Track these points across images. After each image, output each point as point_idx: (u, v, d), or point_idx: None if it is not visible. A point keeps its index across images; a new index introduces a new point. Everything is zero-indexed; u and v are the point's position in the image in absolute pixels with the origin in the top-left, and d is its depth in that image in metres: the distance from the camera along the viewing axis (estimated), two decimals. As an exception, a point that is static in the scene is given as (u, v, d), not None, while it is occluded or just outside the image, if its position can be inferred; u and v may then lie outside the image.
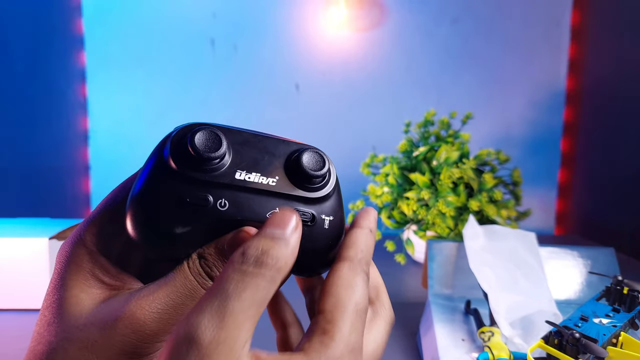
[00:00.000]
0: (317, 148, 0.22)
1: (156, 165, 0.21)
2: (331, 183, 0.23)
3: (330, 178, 0.23)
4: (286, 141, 0.23)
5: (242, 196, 0.21)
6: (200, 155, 0.20)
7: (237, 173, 0.21)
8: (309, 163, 0.21)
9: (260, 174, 0.21)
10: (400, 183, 0.81)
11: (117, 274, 0.21)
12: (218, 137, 0.20)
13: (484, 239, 0.60)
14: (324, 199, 0.22)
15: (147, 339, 0.19)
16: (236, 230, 0.21)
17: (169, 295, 0.20)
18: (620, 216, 1.06)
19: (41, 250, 0.63)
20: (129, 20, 1.23)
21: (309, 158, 0.22)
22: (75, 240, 0.22)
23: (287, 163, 0.22)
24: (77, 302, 0.20)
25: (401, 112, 1.26)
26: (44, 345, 0.20)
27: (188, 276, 0.20)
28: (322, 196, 0.22)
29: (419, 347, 0.54)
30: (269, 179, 0.21)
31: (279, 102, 1.27)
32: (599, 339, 0.38)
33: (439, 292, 0.59)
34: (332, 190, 0.22)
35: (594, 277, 0.59)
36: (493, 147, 0.86)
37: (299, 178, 0.22)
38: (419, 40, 1.25)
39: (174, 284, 0.20)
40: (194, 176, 0.20)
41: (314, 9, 1.24)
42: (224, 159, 0.21)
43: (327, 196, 0.22)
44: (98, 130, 1.27)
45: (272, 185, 0.21)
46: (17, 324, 0.61)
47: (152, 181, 0.20)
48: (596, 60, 1.18)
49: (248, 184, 0.21)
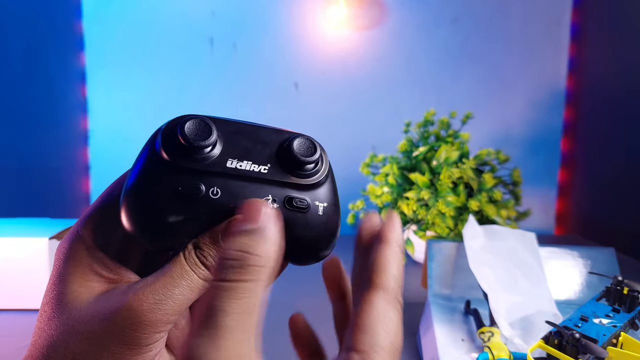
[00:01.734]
0: (308, 135, 0.22)
1: (148, 157, 0.21)
2: (324, 170, 0.22)
3: (322, 165, 0.23)
4: (279, 130, 0.23)
5: (234, 184, 0.21)
6: (190, 144, 0.20)
7: (228, 161, 0.21)
8: (300, 149, 0.22)
9: (252, 162, 0.21)
10: (400, 183, 0.81)
11: (116, 268, 0.21)
12: (208, 126, 0.21)
13: (483, 239, 0.60)
14: (317, 186, 0.22)
15: (146, 329, 0.19)
16: (229, 219, 0.21)
17: (166, 286, 0.20)
18: (620, 216, 1.06)
19: (41, 250, 0.63)
20: (129, 20, 1.23)
21: (299, 144, 0.22)
22: (73, 236, 0.22)
23: (278, 150, 0.22)
24: (77, 296, 0.21)
25: (401, 112, 1.26)
26: (45, 339, 0.20)
27: (184, 266, 0.21)
28: (315, 183, 0.22)
29: (419, 347, 0.55)
30: (261, 166, 0.21)
31: (278, 101, 1.27)
32: (599, 339, 0.38)
33: (439, 292, 0.59)
34: (324, 177, 0.22)
35: (594, 277, 0.59)
36: (493, 147, 0.86)
37: (290, 165, 0.22)
38: (418, 39, 1.25)
39: (171, 274, 0.20)
40: (185, 165, 0.20)
41: (313, 8, 1.23)
42: (215, 148, 0.21)
43: (319, 183, 0.22)
44: (98, 129, 1.27)
45: (264, 172, 0.21)
46: (17, 324, 0.61)
47: (144, 172, 0.20)
48: (596, 60, 1.18)
49: (240, 172, 0.21)
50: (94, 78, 1.25)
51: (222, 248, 0.20)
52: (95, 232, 0.22)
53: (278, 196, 0.21)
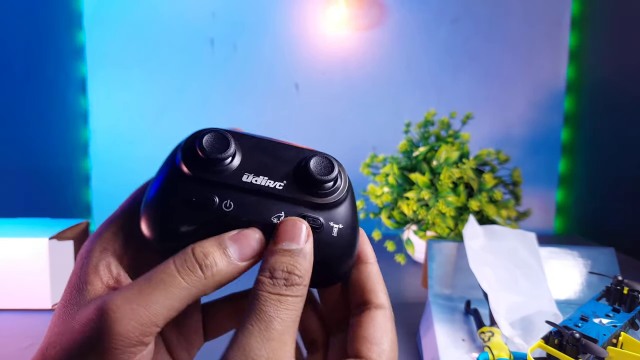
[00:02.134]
0: (328, 155, 0.22)
1: (168, 169, 0.21)
2: (342, 190, 0.22)
3: (340, 184, 0.22)
4: (298, 147, 0.23)
5: (248, 198, 0.21)
6: (207, 156, 0.20)
7: (244, 175, 0.21)
8: (317, 168, 0.21)
9: (268, 178, 0.21)
10: (400, 183, 0.81)
11: (118, 274, 0.22)
12: (226, 139, 0.21)
13: (484, 239, 0.60)
14: (334, 205, 0.22)
15: (117, 341, 0.18)
16: (237, 230, 0.21)
17: (142, 293, 0.20)
18: (620, 216, 1.07)
19: (41, 250, 0.63)
20: (129, 20, 1.23)
21: (316, 162, 0.21)
22: (93, 239, 0.22)
23: (296, 168, 0.22)
24: (75, 300, 0.21)
25: (401, 112, 1.26)
26: (47, 337, 0.20)
27: (171, 272, 0.20)
28: (331, 202, 0.22)
29: (419, 347, 0.54)
30: (277, 182, 0.21)
31: (278, 102, 1.27)
32: (599, 339, 0.38)
33: (439, 292, 0.59)
34: (342, 197, 0.22)
35: (594, 277, 0.59)
36: (493, 147, 0.86)
37: (306, 183, 0.21)
38: (419, 39, 1.25)
39: (150, 280, 0.20)
40: (202, 177, 0.21)
41: (313, 8, 1.23)
42: (232, 161, 0.21)
43: (337, 202, 0.22)
44: (98, 130, 1.27)
45: (279, 189, 0.21)
46: (17, 324, 0.61)
47: (164, 183, 0.21)
48: (597, 60, 1.18)
49: (254, 186, 0.21)
50: (94, 79, 1.25)
51: (230, 256, 0.20)
52: (112, 239, 0.22)
53: (291, 214, 0.21)
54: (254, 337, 0.18)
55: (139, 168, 1.22)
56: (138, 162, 1.24)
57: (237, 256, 0.20)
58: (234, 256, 0.20)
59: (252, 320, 0.19)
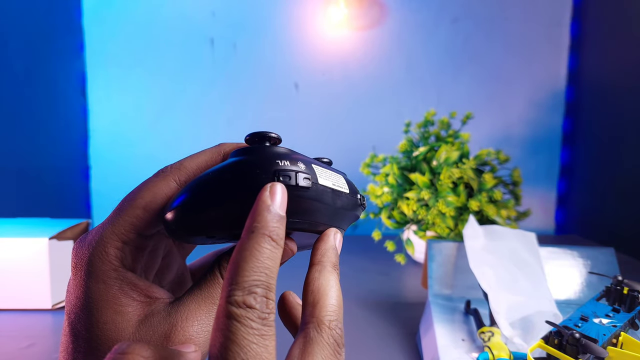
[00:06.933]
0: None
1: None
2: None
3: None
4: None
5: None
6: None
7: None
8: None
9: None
10: (400, 183, 0.81)
11: (146, 287, 0.21)
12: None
13: (484, 239, 0.60)
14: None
15: (205, 350, 0.20)
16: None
17: (209, 305, 0.21)
18: (620, 216, 1.06)
19: (41, 250, 0.63)
20: (129, 20, 1.23)
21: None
22: (98, 254, 0.21)
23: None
24: (115, 327, 0.20)
25: (401, 112, 1.26)
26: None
27: (220, 282, 0.21)
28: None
29: (419, 347, 0.54)
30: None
31: (278, 102, 1.27)
32: (599, 339, 0.38)
33: (439, 292, 0.59)
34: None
35: (594, 277, 0.59)
36: (493, 147, 0.86)
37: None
38: (419, 39, 1.25)
39: (209, 293, 0.21)
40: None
41: (313, 8, 1.23)
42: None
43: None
44: (98, 129, 1.27)
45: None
46: (17, 324, 0.61)
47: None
48: (597, 60, 1.18)
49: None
50: (94, 78, 1.25)
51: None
52: (122, 249, 0.21)
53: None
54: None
55: (139, 168, 1.22)
56: (138, 162, 1.24)
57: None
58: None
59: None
